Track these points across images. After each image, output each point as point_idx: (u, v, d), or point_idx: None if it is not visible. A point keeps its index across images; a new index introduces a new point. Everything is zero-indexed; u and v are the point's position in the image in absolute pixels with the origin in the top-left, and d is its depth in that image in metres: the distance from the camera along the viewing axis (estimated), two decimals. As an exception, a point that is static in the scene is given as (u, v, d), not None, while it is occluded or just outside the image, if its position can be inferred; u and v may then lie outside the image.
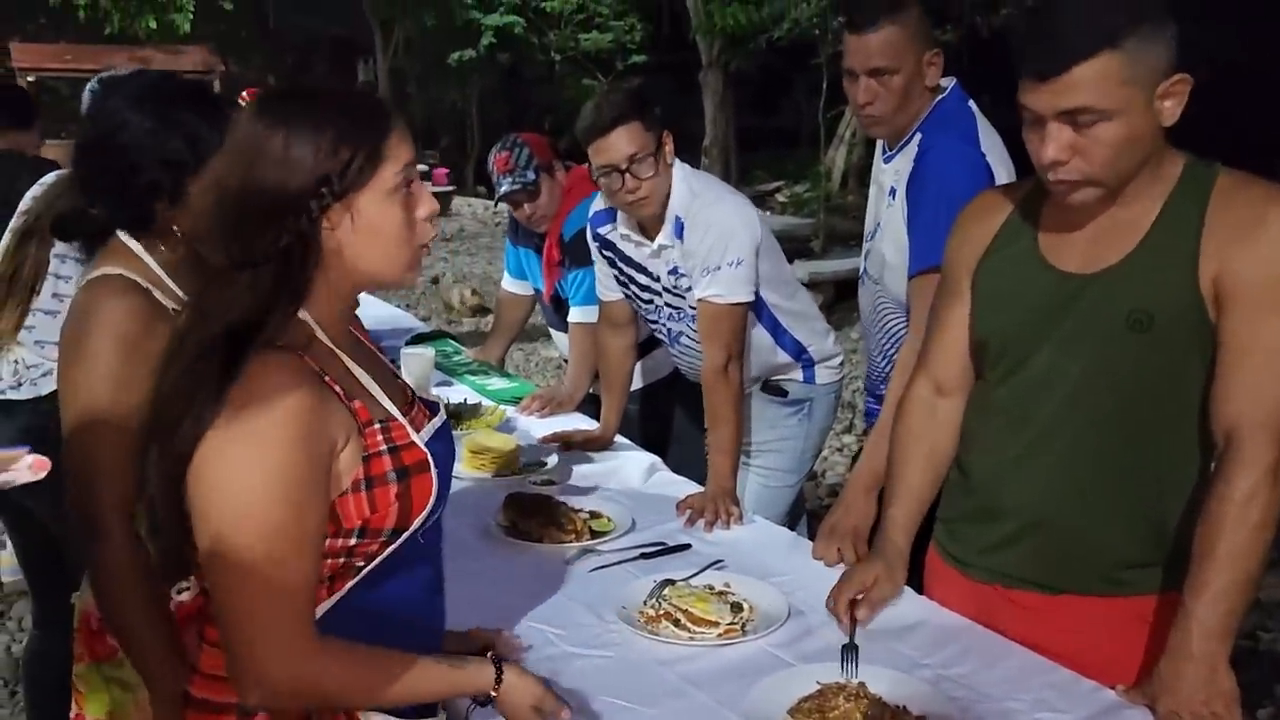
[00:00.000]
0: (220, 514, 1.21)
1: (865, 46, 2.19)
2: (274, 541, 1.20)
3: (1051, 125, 1.50)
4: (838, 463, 5.40)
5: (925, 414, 1.85)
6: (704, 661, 1.73)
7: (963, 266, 1.78)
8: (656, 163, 2.48)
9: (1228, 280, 1.52)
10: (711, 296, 2.53)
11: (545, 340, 7.64)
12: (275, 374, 1.21)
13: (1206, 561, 1.49)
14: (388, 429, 1.31)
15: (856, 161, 15.09)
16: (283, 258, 1.24)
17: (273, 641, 1.22)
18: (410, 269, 1.34)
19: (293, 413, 1.21)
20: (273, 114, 1.25)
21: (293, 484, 1.21)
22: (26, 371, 2.48)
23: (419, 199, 1.32)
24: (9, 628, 3.73)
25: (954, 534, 1.86)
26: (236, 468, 1.20)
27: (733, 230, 2.53)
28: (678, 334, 2.76)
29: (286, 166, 1.22)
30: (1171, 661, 1.50)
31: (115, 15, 17.42)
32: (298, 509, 1.22)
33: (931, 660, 1.71)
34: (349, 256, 1.29)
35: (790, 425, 2.82)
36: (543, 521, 2.21)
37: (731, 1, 12.92)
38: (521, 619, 1.85)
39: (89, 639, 1.81)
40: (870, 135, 2.37)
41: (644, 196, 2.51)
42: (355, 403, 1.29)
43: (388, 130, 1.28)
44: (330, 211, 1.25)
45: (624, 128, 2.45)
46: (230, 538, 1.20)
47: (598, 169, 2.51)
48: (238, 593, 1.21)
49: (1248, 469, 1.48)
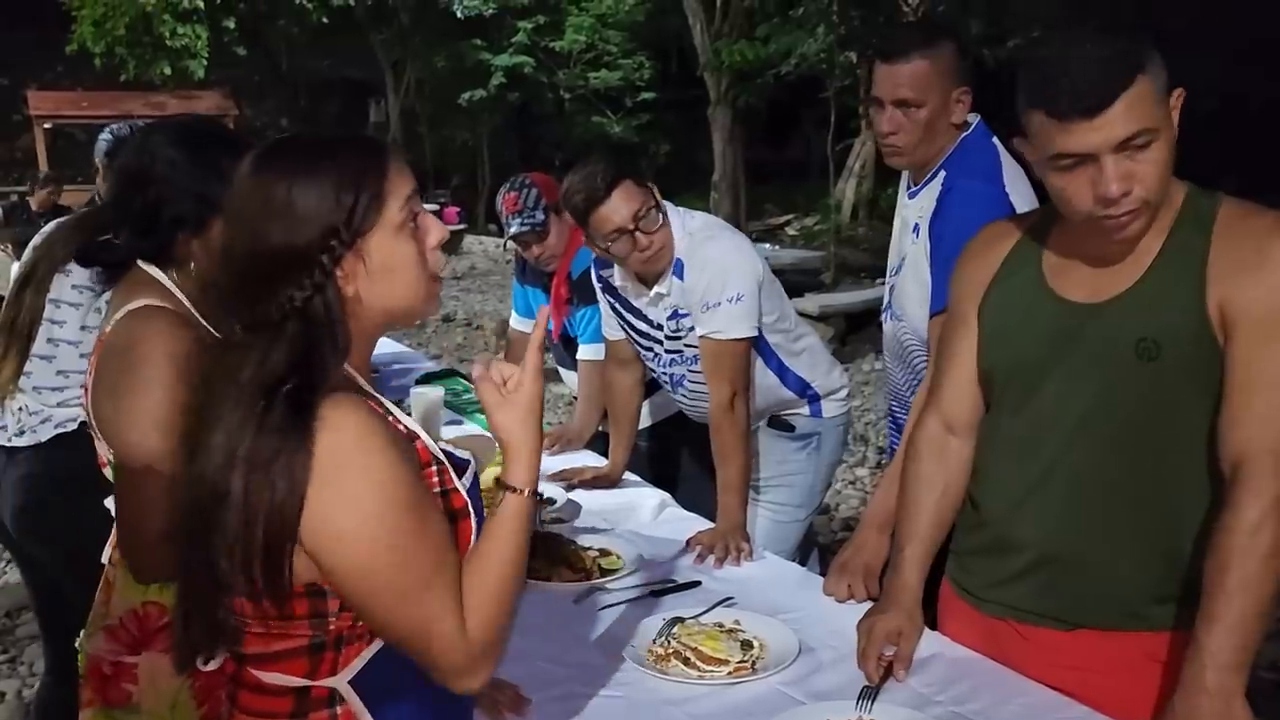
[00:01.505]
0: (355, 555, 1.18)
1: (894, 76, 2.20)
2: (414, 554, 1.19)
3: (1108, 160, 1.47)
4: (851, 495, 5.38)
5: (936, 454, 1.84)
6: (714, 701, 1.71)
7: (969, 299, 1.78)
8: (659, 216, 2.50)
9: (1233, 309, 1.51)
10: (712, 333, 2.53)
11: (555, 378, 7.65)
12: (349, 410, 1.19)
13: (1217, 593, 1.47)
14: (441, 472, 1.30)
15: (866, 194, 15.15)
16: (306, 314, 1.21)
17: (444, 637, 1.21)
18: (430, 300, 1.32)
19: (378, 431, 1.20)
20: (270, 171, 1.23)
21: (408, 493, 1.20)
22: (29, 419, 2.50)
23: (427, 229, 1.30)
24: (20, 673, 3.73)
25: (966, 567, 1.84)
26: (356, 508, 1.17)
27: (731, 266, 2.53)
28: (680, 378, 2.76)
29: (291, 222, 1.20)
30: (1185, 696, 1.47)
31: (131, 62, 17.73)
32: (421, 510, 1.21)
33: (944, 696, 1.69)
34: (368, 300, 1.26)
35: (799, 460, 2.81)
36: (552, 560, 2.20)
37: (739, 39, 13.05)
38: (531, 659, 1.84)
39: (100, 684, 1.80)
40: (891, 165, 2.37)
41: (659, 249, 2.52)
42: (417, 442, 1.28)
43: (386, 167, 1.26)
44: (343, 261, 1.23)
45: (619, 189, 2.47)
46: (373, 572, 1.19)
47: (605, 238, 2.51)
48: (400, 614, 1.20)
49: (1256, 498, 1.46)
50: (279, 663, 1.26)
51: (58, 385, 2.45)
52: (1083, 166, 1.49)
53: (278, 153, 1.26)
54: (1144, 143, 1.47)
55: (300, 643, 1.25)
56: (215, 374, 1.23)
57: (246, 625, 1.26)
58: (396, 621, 1.21)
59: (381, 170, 1.25)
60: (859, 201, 15.26)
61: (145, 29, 17.45)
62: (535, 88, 20.19)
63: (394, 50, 20.78)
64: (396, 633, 1.22)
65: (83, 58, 17.74)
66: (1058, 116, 1.48)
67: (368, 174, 1.24)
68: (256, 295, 1.21)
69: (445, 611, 1.21)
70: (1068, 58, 1.48)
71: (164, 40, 17.57)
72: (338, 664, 1.26)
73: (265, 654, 1.27)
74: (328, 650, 1.25)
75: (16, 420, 2.50)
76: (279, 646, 1.26)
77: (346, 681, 1.26)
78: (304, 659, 1.25)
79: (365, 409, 1.21)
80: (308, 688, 1.26)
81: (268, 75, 22.93)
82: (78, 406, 2.43)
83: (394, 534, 1.18)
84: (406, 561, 1.19)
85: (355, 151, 1.26)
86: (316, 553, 1.19)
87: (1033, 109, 1.52)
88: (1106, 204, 1.50)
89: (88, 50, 17.52)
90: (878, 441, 6.02)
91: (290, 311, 1.21)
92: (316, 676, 1.26)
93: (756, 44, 12.50)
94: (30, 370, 2.44)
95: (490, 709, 1.66)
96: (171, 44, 17.65)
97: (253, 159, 1.26)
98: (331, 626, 1.24)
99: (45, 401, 2.47)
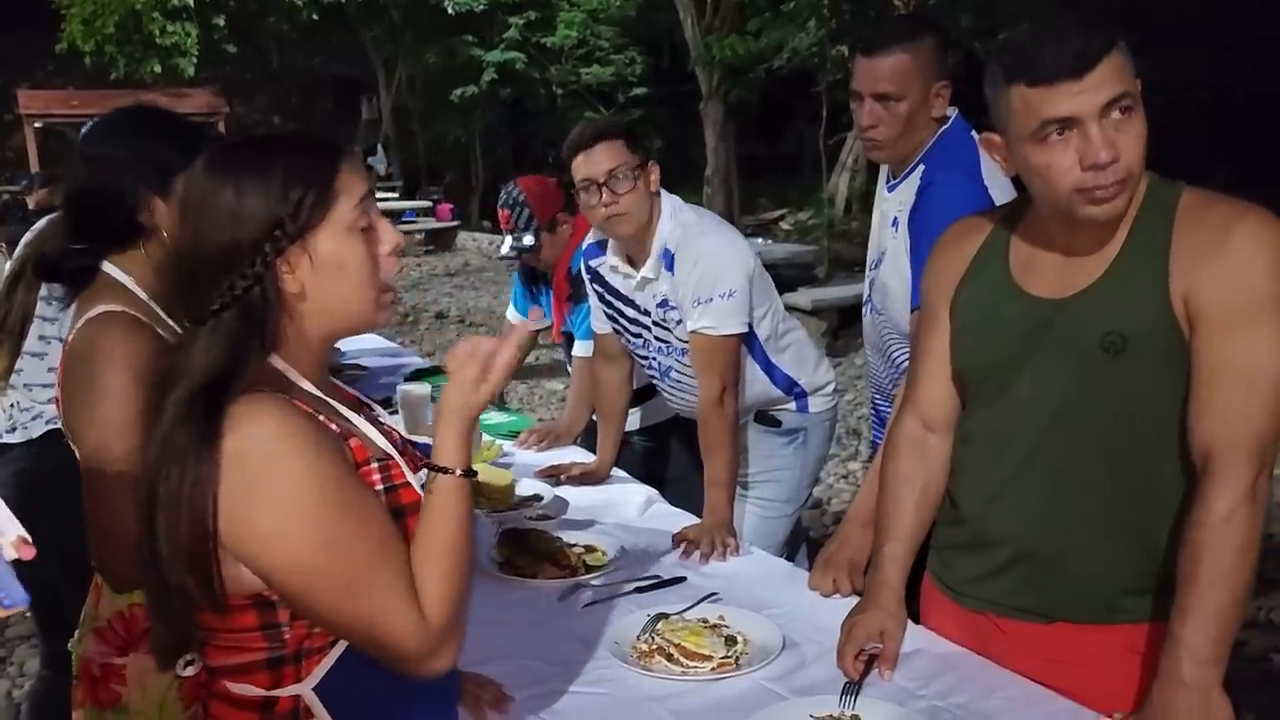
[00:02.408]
0: (285, 554, 1.18)
1: (874, 70, 2.20)
2: (349, 548, 1.18)
3: (1092, 126, 1.47)
4: (844, 490, 5.38)
5: (915, 452, 1.83)
6: (697, 697, 1.71)
7: (940, 295, 1.78)
8: (634, 180, 2.50)
9: (1196, 300, 1.51)
10: (704, 329, 2.53)
11: (549, 375, 7.65)
12: (266, 409, 1.18)
13: (1190, 587, 1.47)
14: (386, 468, 1.28)
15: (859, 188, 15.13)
16: (242, 306, 1.22)
17: (400, 625, 1.19)
18: (381, 308, 1.31)
19: (298, 430, 1.19)
20: (219, 168, 1.24)
21: (335, 488, 1.19)
22: (20, 415, 2.49)
23: (380, 233, 1.29)
24: (9, 673, 3.72)
25: (946, 563, 1.84)
26: (277, 508, 1.17)
27: (725, 261, 2.53)
28: (667, 368, 2.76)
29: (238, 219, 1.21)
30: (1164, 689, 1.47)
31: (120, 60, 17.68)
32: (354, 505, 1.20)
33: (927, 691, 1.69)
34: (313, 298, 1.25)
35: (785, 455, 2.81)
36: (537, 557, 2.20)
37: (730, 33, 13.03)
38: (515, 656, 1.84)
39: (91, 685, 1.80)
40: (871, 159, 2.37)
41: (621, 212, 2.51)
42: (351, 441, 1.27)
43: (337, 166, 1.26)
44: (287, 254, 1.23)
45: (606, 143, 2.49)
46: (310, 570, 1.18)
47: (578, 184, 2.53)
48: (348, 609, 1.19)
49: (1225, 490, 1.46)
50: (242, 675, 1.26)
51: (49, 382, 2.45)
52: (1068, 135, 1.49)
53: (229, 152, 1.27)
54: (1126, 106, 1.48)
55: (258, 656, 1.24)
56: (164, 373, 1.24)
57: (210, 637, 1.25)
58: (345, 617, 1.20)
59: (332, 168, 1.25)
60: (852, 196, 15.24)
61: (135, 27, 17.41)
62: (527, 83, 20.16)
63: (385, 47, 20.75)
64: (348, 629, 1.22)
65: (73, 56, 17.71)
66: (1045, 81, 1.48)
67: (318, 170, 1.24)
68: (202, 292, 1.22)
69: (396, 601, 1.20)
70: (1046, 32, 1.50)
71: (154, 38, 17.54)
72: (300, 674, 1.25)
73: (228, 666, 1.26)
74: (287, 665, 1.25)
75: (8, 416, 2.50)
76: (239, 659, 1.25)
77: (311, 689, 1.25)
78: (264, 673, 1.25)
79: (285, 408, 1.20)
80: (274, 699, 1.25)
81: (259, 73, 22.88)
82: None
83: (324, 531, 1.17)
84: (344, 557, 1.18)
85: (306, 149, 1.27)
86: (248, 558, 1.18)
87: (1013, 83, 1.51)
88: (1095, 173, 1.48)
89: (77, 49, 17.48)
90: (869, 435, 6.02)
91: (229, 303, 1.21)
92: (280, 687, 1.25)
93: (748, 38, 12.47)
94: (21, 367, 2.44)
95: (473, 707, 1.66)
96: (161, 42, 17.61)
97: (204, 158, 1.26)
98: (287, 637, 1.24)
99: (36, 398, 2.47)
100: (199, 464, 1.15)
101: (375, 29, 20.40)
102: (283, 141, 1.28)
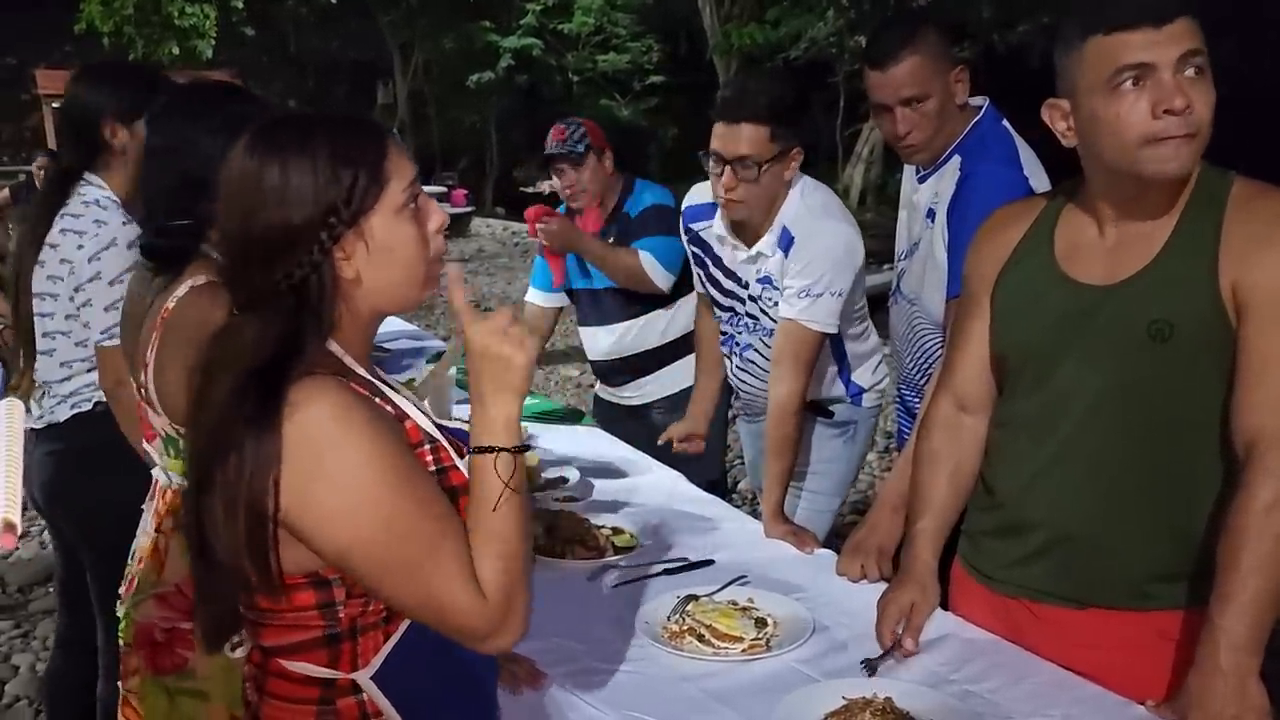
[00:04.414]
0: (348, 530, 1.17)
1: (892, 80, 2.19)
2: (411, 526, 1.17)
3: (1166, 74, 1.48)
4: (860, 479, 5.38)
5: (949, 431, 1.85)
6: (728, 677, 1.72)
7: (982, 281, 1.78)
8: (765, 173, 2.39)
9: (1245, 290, 1.51)
10: (805, 320, 2.45)
11: (565, 360, 7.66)
12: (326, 391, 1.17)
13: (1231, 574, 1.47)
14: (436, 451, 1.28)
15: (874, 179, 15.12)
16: (298, 293, 1.20)
17: (462, 605, 1.19)
18: (429, 285, 1.31)
19: (358, 411, 1.18)
20: (264, 149, 1.21)
21: (395, 467, 1.18)
22: (45, 404, 2.56)
23: (428, 212, 1.28)
24: (33, 647, 3.75)
25: (979, 548, 1.85)
26: (340, 486, 1.16)
27: (844, 261, 2.47)
28: (747, 345, 2.71)
29: (286, 201, 1.19)
30: (1200, 676, 1.48)
31: (139, 42, 17.72)
32: (415, 485, 1.19)
33: (958, 675, 1.70)
34: (367, 281, 1.24)
35: (835, 447, 2.79)
36: (566, 538, 2.21)
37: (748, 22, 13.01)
38: (546, 635, 1.84)
39: (151, 652, 1.80)
40: (911, 163, 2.35)
41: (737, 200, 2.43)
42: (407, 423, 1.27)
43: (385, 148, 1.24)
44: (344, 240, 1.21)
45: (751, 126, 2.38)
46: (373, 546, 1.17)
47: (711, 150, 2.44)
48: (410, 587, 1.19)
49: (1270, 479, 1.46)
50: (300, 654, 1.26)
51: (63, 376, 2.50)
52: (1142, 85, 1.49)
53: (272, 132, 1.24)
54: (1200, 64, 1.49)
55: (315, 634, 1.24)
56: (213, 358, 1.23)
57: (263, 617, 1.25)
58: (409, 594, 1.20)
59: (381, 150, 1.24)
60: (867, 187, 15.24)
61: (153, 8, 17.46)
62: (543, 70, 20.17)
63: (402, 32, 20.76)
64: (412, 606, 1.22)
65: (91, 37, 17.74)
66: (1126, 26, 1.49)
67: (368, 153, 1.23)
68: (251, 276, 1.21)
69: (456, 578, 1.19)
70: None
71: (172, 20, 17.59)
72: (356, 654, 1.25)
73: (285, 645, 1.26)
74: (344, 641, 1.25)
75: (38, 407, 2.56)
76: (296, 638, 1.25)
77: (369, 678, 1.26)
78: (322, 650, 1.25)
79: (342, 389, 1.19)
80: (333, 679, 1.26)
81: (276, 56, 22.89)
82: (90, 391, 2.48)
83: (386, 508, 1.17)
84: (406, 534, 1.18)
85: (354, 130, 1.25)
86: (310, 537, 1.18)
87: (1089, 35, 1.53)
88: (1167, 120, 1.49)
89: (96, 30, 17.52)
90: (885, 426, 6.01)
91: (285, 290, 1.20)
92: (338, 667, 1.25)
93: (766, 27, 12.48)
94: (38, 367, 2.49)
95: (509, 681, 1.67)
96: (179, 24, 17.66)
97: (247, 139, 1.24)
98: (342, 615, 1.24)
99: (57, 392, 2.53)
100: (259, 448, 1.14)
101: (392, 14, 20.41)
102: (328, 121, 1.25)
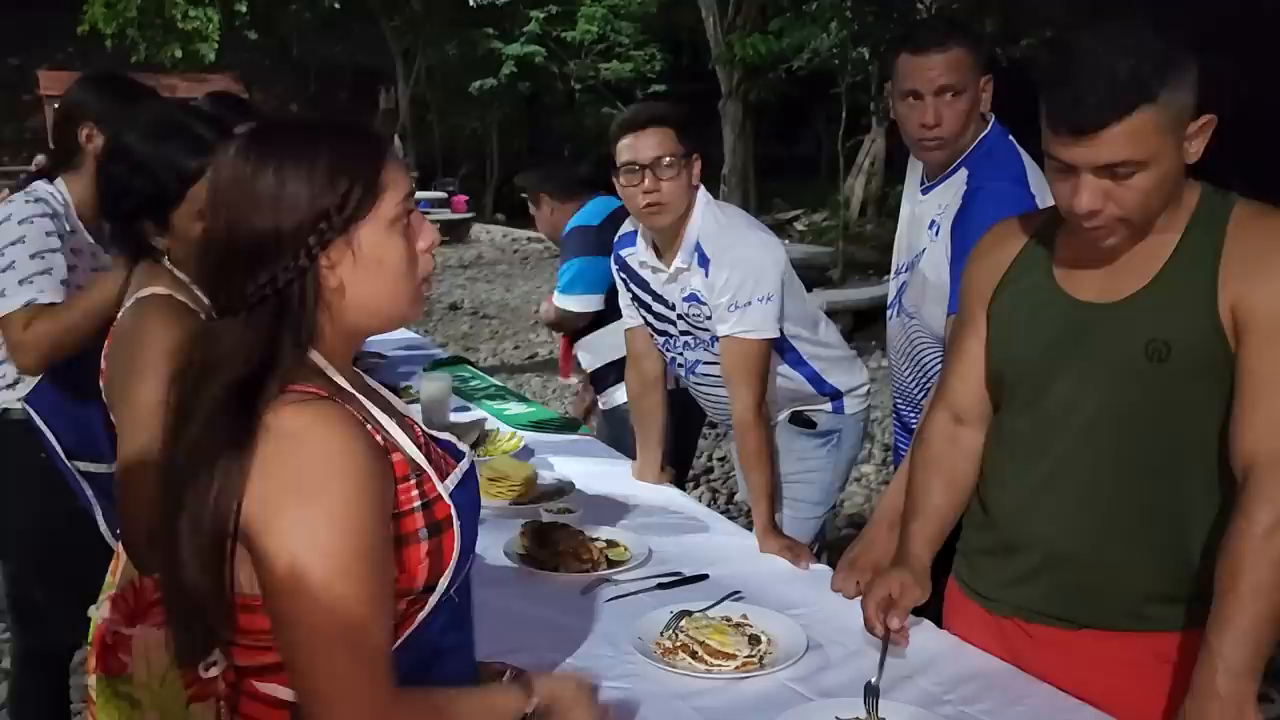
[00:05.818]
0: (292, 582, 1.11)
1: (934, 66, 2.17)
2: (354, 605, 1.11)
3: (1086, 177, 1.49)
4: (855, 493, 5.37)
5: (945, 441, 1.84)
6: (721, 695, 1.71)
7: (978, 297, 1.77)
8: (680, 171, 2.46)
9: (1244, 311, 1.50)
10: (742, 333, 2.47)
11: (561, 368, 7.64)
12: (331, 425, 1.13)
13: (1229, 598, 1.46)
14: (420, 483, 1.23)
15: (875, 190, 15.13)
16: (281, 299, 1.16)
17: (357, 703, 1.13)
18: (415, 303, 1.27)
19: (353, 460, 1.13)
20: (260, 151, 1.17)
21: (365, 540, 1.12)
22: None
23: (419, 230, 1.25)
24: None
25: (974, 567, 1.84)
26: (303, 530, 1.10)
27: (763, 265, 2.49)
28: (694, 362, 2.73)
29: (279, 206, 1.15)
30: (1196, 700, 1.46)
31: (141, 44, 17.71)
32: (374, 566, 1.13)
33: (953, 695, 1.68)
34: (352, 294, 1.21)
35: (819, 457, 2.78)
36: (559, 551, 2.20)
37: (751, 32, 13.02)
38: (538, 649, 1.83)
39: (102, 653, 1.80)
40: (926, 160, 2.33)
41: (661, 201, 2.47)
42: (395, 455, 1.21)
43: (383, 158, 1.21)
44: (331, 248, 1.18)
45: (658, 129, 2.45)
46: (306, 604, 1.11)
47: (622, 165, 2.48)
48: (320, 658, 1.12)
49: (1268, 503, 1.45)
50: (269, 675, 1.21)
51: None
52: (1067, 174, 1.52)
53: (266, 135, 1.21)
54: (1127, 173, 1.48)
55: None
56: (188, 368, 1.20)
57: (236, 636, 1.21)
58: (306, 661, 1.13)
59: (378, 160, 1.21)
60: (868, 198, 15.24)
61: (157, 11, 17.44)
62: (546, 78, 20.17)
63: (405, 37, 20.78)
64: (302, 677, 1.14)
65: (93, 39, 17.72)
66: (1051, 125, 1.50)
67: (365, 161, 1.20)
68: (234, 279, 1.17)
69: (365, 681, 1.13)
70: (1084, 65, 1.47)
71: (175, 23, 17.57)
72: None
73: (254, 666, 1.22)
74: None
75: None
76: (265, 659, 1.20)
77: None
78: None
79: (342, 420, 1.15)
80: None
81: (278, 60, 22.91)
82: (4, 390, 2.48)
83: (334, 574, 1.10)
84: (334, 607, 1.11)
85: (355, 138, 1.22)
86: (261, 556, 1.12)
87: (1042, 102, 1.53)
88: (1077, 215, 1.53)
89: (99, 31, 17.51)
90: (884, 439, 6.00)
91: (266, 296, 1.16)
92: None
93: (769, 38, 12.46)
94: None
95: None
96: (183, 26, 17.64)
97: (239, 141, 1.20)
98: None
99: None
100: (229, 466, 1.11)
101: (396, 19, 20.43)
102: (326, 127, 1.22)
